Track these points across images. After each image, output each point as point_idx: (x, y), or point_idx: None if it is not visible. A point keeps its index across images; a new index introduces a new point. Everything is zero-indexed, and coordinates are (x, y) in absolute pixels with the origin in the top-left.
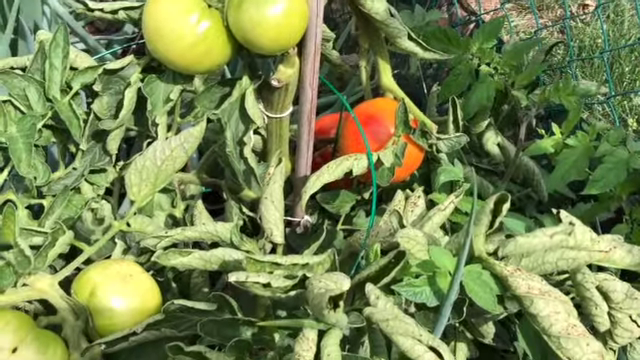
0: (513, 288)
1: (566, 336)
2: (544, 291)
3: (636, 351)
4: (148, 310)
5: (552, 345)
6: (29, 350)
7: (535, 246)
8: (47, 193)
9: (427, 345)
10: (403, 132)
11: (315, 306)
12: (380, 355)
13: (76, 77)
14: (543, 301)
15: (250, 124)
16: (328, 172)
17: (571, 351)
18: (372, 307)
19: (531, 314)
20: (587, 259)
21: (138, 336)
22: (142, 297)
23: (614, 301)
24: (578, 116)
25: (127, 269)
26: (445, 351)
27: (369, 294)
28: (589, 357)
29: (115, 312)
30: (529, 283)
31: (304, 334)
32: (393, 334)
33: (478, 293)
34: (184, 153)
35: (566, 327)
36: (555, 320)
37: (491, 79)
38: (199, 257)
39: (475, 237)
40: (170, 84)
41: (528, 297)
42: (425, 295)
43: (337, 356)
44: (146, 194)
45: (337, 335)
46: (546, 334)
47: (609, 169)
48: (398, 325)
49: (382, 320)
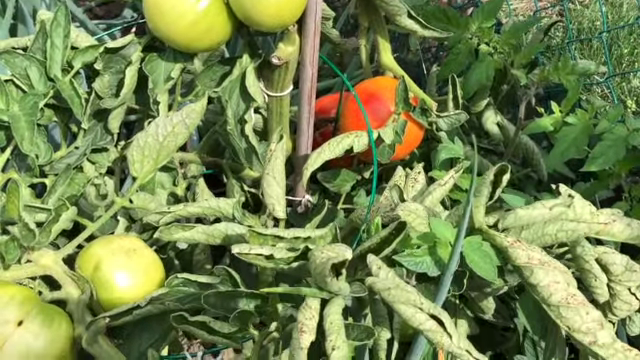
0: (513, 259)
1: (565, 305)
2: (544, 261)
3: (635, 324)
4: (152, 284)
5: (552, 314)
6: (34, 323)
7: (535, 218)
8: (49, 172)
9: (428, 313)
10: (403, 109)
11: (318, 275)
12: (382, 325)
13: (77, 56)
14: (543, 271)
15: (251, 102)
16: (329, 149)
17: (571, 320)
18: (374, 277)
19: (531, 284)
20: (586, 230)
21: (142, 309)
22: (146, 271)
23: (613, 274)
24: (577, 94)
25: (130, 244)
26: (446, 319)
27: (371, 264)
28: (588, 325)
29: (119, 286)
30: (529, 253)
31: (307, 303)
32: (395, 303)
33: (478, 263)
34: (186, 129)
35: (565, 296)
36: (555, 290)
37: (490, 58)
38: (202, 231)
39: (475, 208)
40: (171, 62)
41: (528, 267)
42: (426, 265)
43: (340, 324)
44: (148, 170)
45: (340, 304)
46: (546, 304)
47: (608, 146)
48: (399, 294)
49: (384, 289)
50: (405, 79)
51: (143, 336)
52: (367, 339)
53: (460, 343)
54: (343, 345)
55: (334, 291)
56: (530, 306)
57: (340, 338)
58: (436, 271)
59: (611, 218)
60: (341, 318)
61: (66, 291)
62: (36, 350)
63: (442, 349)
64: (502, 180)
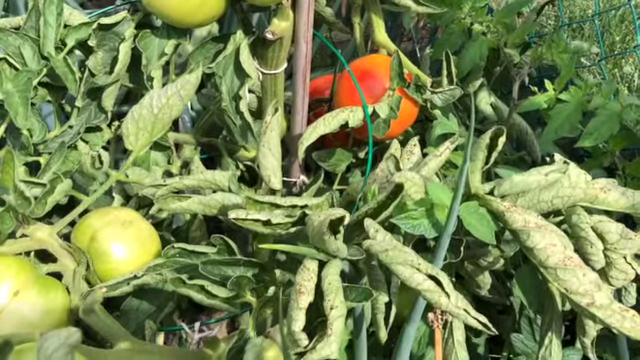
0: (510, 223)
1: (562, 267)
2: (540, 225)
3: (630, 295)
4: (148, 255)
5: (549, 277)
6: (30, 293)
7: (530, 184)
8: (44, 151)
9: (426, 274)
10: (398, 85)
11: (315, 235)
12: (379, 290)
13: (70, 33)
14: (539, 234)
15: (245, 78)
16: (324, 124)
17: (568, 282)
18: (371, 240)
19: (528, 248)
20: (582, 196)
21: (139, 280)
22: (142, 242)
23: (609, 242)
24: (570, 72)
25: (127, 216)
26: (444, 278)
27: (368, 228)
28: (586, 287)
29: (115, 256)
30: (525, 217)
31: (305, 265)
32: (392, 264)
33: (475, 226)
34: (180, 101)
35: (562, 259)
36: (551, 252)
37: (484, 38)
38: (198, 202)
39: (471, 174)
40: (164, 39)
41: (524, 231)
42: (424, 227)
43: (337, 285)
44: (143, 144)
45: (337, 265)
46: (543, 266)
47: (602, 122)
48: (397, 254)
49: (381, 251)
50: (399, 54)
51: (140, 309)
52: (365, 300)
53: (458, 302)
54: (341, 305)
55: (332, 251)
56: (527, 281)
57: (338, 298)
58: (433, 233)
59: (607, 186)
60: (339, 279)
61: (62, 263)
62: (32, 320)
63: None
64: (498, 143)
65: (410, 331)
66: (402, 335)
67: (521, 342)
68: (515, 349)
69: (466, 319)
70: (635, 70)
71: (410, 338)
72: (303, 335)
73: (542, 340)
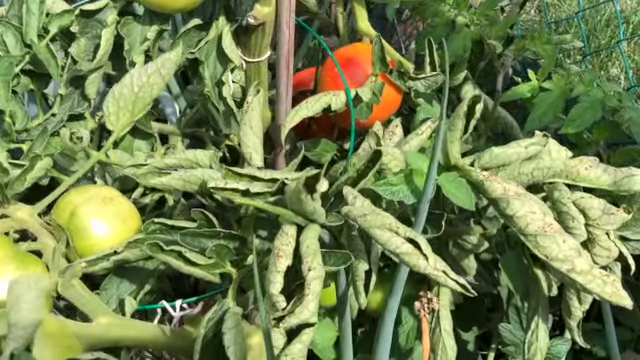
0: (489, 192)
1: (542, 234)
2: (519, 193)
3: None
4: (129, 232)
5: (529, 244)
6: (8, 268)
7: (510, 156)
8: (26, 138)
9: (404, 237)
10: (380, 70)
11: (293, 197)
12: (359, 259)
13: (53, 20)
14: (519, 202)
15: (228, 64)
16: (307, 107)
17: (548, 249)
18: (350, 206)
19: (507, 216)
20: (562, 167)
21: (119, 255)
22: (122, 219)
23: (591, 218)
24: (553, 62)
25: (107, 193)
26: (422, 242)
27: (347, 195)
28: (566, 253)
29: (95, 232)
30: (504, 186)
31: (283, 230)
32: (371, 228)
33: (454, 193)
34: (161, 79)
35: (542, 226)
36: (531, 220)
37: (467, 30)
38: (178, 177)
39: (450, 144)
40: (147, 25)
41: (504, 199)
42: (402, 193)
43: (315, 248)
44: (124, 123)
45: (315, 229)
46: (523, 234)
47: (585, 108)
48: (375, 218)
49: (359, 216)
50: (380, 39)
51: (121, 287)
52: (344, 264)
53: (437, 264)
54: (319, 267)
55: (309, 212)
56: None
57: (316, 260)
58: (412, 199)
59: (588, 163)
60: (317, 243)
61: (42, 242)
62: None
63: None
64: (476, 111)
65: (388, 322)
66: (380, 326)
67: (509, 332)
68: (504, 339)
69: (446, 281)
70: (621, 72)
71: (388, 328)
72: (281, 297)
73: (528, 325)
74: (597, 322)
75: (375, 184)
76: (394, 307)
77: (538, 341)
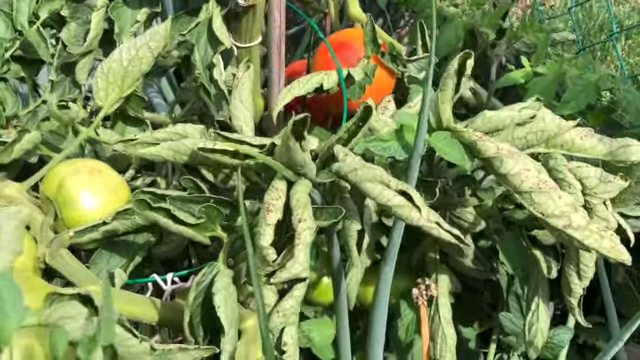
0: (482, 152)
1: (537, 190)
2: (513, 151)
3: None
4: (118, 203)
5: (524, 202)
6: None
7: (503, 120)
8: (17, 124)
9: (396, 190)
10: (372, 52)
11: (281, 147)
12: (352, 219)
13: (43, 5)
14: (512, 160)
15: (219, 46)
16: (299, 86)
17: (543, 205)
18: (340, 162)
19: (502, 175)
20: (556, 130)
21: (107, 226)
22: (111, 190)
23: (588, 187)
24: (546, 48)
25: (96, 165)
26: (415, 194)
27: (337, 153)
28: (562, 209)
29: (83, 203)
30: (498, 145)
31: (273, 185)
32: (362, 182)
33: (446, 150)
34: (150, 53)
35: (537, 182)
36: (525, 177)
37: (459, 19)
38: (168, 147)
39: (442, 104)
40: (136, 8)
41: (497, 157)
42: (394, 149)
43: (306, 201)
44: (113, 99)
45: (306, 184)
46: (517, 192)
47: (579, 91)
48: (366, 172)
49: (350, 171)
50: (372, 21)
51: (111, 261)
52: (334, 218)
53: (430, 216)
54: (310, 219)
55: (298, 163)
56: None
57: (307, 212)
58: (403, 154)
59: (582, 133)
60: (308, 198)
61: (30, 216)
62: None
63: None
64: (466, 67)
65: (379, 314)
66: (371, 319)
67: (510, 321)
68: (504, 329)
69: (439, 233)
70: (616, 72)
71: (380, 322)
72: (271, 250)
73: (528, 306)
74: (600, 315)
75: (366, 140)
76: (386, 290)
77: (539, 322)
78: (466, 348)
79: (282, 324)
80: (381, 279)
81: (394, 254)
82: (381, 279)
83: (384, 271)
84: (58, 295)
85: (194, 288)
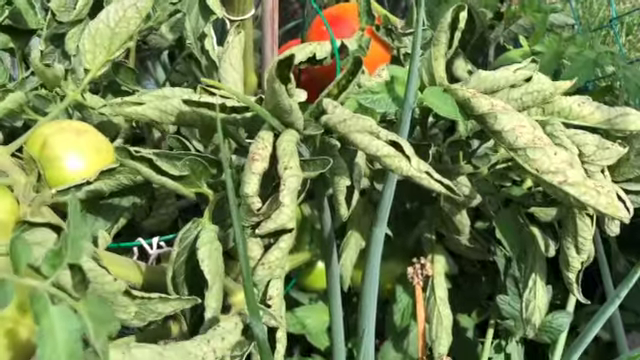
0: (476, 109)
1: (532, 146)
2: (508, 108)
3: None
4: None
5: (519, 159)
6: None
7: (498, 80)
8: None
9: (386, 140)
10: (367, 23)
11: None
12: (341, 175)
13: None
14: (507, 116)
15: (210, 16)
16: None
17: (539, 161)
18: (329, 114)
19: (496, 131)
20: (552, 90)
21: (91, 186)
22: (97, 150)
23: (586, 154)
24: (545, 27)
25: (81, 125)
26: (405, 144)
27: (326, 105)
28: (557, 165)
29: (68, 163)
30: (492, 101)
31: (259, 135)
32: (351, 133)
33: (439, 105)
34: (138, 13)
35: (532, 139)
36: (520, 133)
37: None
38: (154, 107)
39: (434, 61)
40: None
41: (491, 114)
42: (384, 101)
43: (292, 150)
44: (101, 61)
45: (293, 134)
46: (512, 149)
47: (578, 68)
48: (355, 122)
49: (339, 121)
50: None
51: (95, 225)
52: (322, 169)
53: (420, 166)
54: (296, 167)
55: (285, 110)
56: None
57: (292, 160)
58: (393, 107)
59: (580, 100)
60: (294, 147)
61: (13, 178)
62: None
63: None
64: (460, 20)
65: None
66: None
67: (507, 304)
68: (502, 312)
69: (430, 183)
70: None
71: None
72: (256, 198)
73: (526, 283)
74: (600, 304)
75: (356, 92)
76: (377, 254)
77: (536, 299)
78: (464, 337)
79: (267, 277)
80: (372, 241)
81: (385, 214)
82: (372, 241)
83: (375, 233)
84: (28, 224)
85: (177, 244)
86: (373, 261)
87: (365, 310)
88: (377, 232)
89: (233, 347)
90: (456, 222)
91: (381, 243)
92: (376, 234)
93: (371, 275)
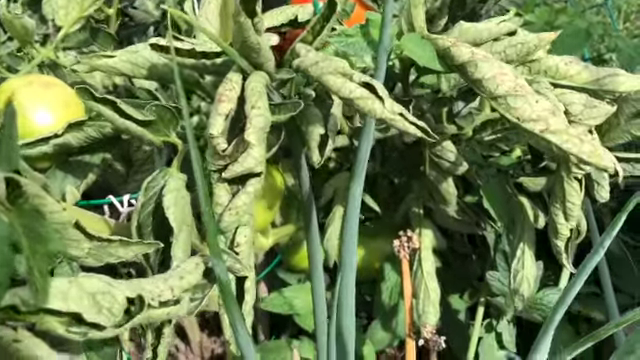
0: (456, 58)
1: (514, 94)
2: (489, 57)
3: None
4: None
5: (500, 108)
6: None
7: (481, 32)
8: None
9: (359, 82)
10: None
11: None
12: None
13: None
14: (488, 64)
15: None
16: (271, 16)
17: (520, 109)
18: (302, 57)
19: (476, 80)
20: (536, 42)
21: (59, 139)
22: (65, 104)
23: (573, 114)
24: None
25: (50, 79)
26: (378, 86)
27: (299, 50)
28: (539, 114)
29: (35, 116)
30: (472, 49)
31: (227, 77)
32: (323, 75)
33: (416, 51)
34: None
35: (513, 86)
36: (501, 81)
37: None
38: (126, 59)
39: (414, 9)
40: None
41: (472, 62)
42: (358, 45)
43: (261, 91)
44: (74, 18)
45: (262, 75)
46: (493, 98)
47: (569, 36)
48: (328, 64)
49: (311, 64)
50: None
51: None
52: (293, 110)
53: (394, 107)
54: (264, 108)
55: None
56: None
57: (260, 101)
58: (368, 50)
59: (567, 59)
60: (263, 88)
61: None
62: None
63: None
64: None
65: (348, 240)
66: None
67: (498, 280)
68: (492, 289)
69: (404, 126)
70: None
71: (350, 250)
72: (222, 139)
73: (514, 253)
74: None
75: (330, 35)
76: (354, 216)
77: (524, 269)
78: (455, 320)
79: (235, 223)
80: (349, 201)
81: (362, 170)
82: (349, 201)
83: (351, 190)
84: None
85: (143, 193)
86: (351, 222)
87: (344, 279)
88: (354, 189)
89: (194, 288)
90: (442, 191)
91: (358, 202)
92: (353, 191)
93: (349, 237)
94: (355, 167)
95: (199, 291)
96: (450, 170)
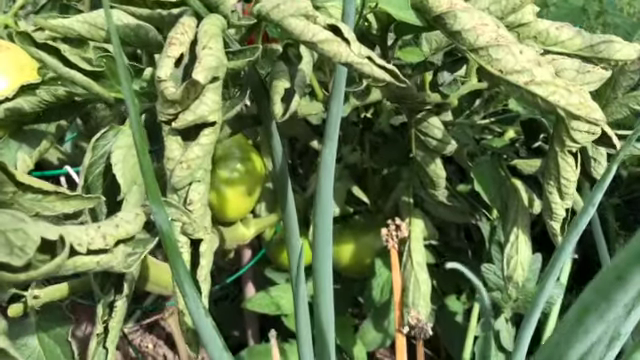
0: (434, 9)
1: (495, 45)
2: (469, 7)
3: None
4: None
5: (482, 61)
6: None
7: None
8: None
9: (324, 25)
10: None
11: None
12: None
13: None
14: (467, 14)
15: None
16: None
17: (502, 61)
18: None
19: (456, 32)
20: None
21: (10, 103)
22: (20, 67)
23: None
24: None
25: (3, 42)
26: (344, 27)
27: None
28: (523, 65)
29: None
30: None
31: (180, 21)
32: (284, 18)
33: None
34: None
35: (495, 37)
36: (482, 31)
37: None
38: (83, 20)
39: None
40: None
41: (451, 13)
42: None
43: (215, 32)
44: None
45: (217, 18)
46: (473, 50)
47: (564, 14)
48: (290, 6)
49: (272, 8)
50: None
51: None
52: (251, 55)
53: (361, 50)
54: (217, 50)
55: None
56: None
57: (213, 42)
58: None
59: (558, 24)
60: (218, 30)
61: None
62: None
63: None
64: None
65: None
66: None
67: (493, 273)
68: (487, 282)
69: (372, 70)
70: None
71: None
72: (170, 83)
73: (507, 238)
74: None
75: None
76: (328, 182)
77: (518, 254)
78: (452, 321)
79: (188, 178)
80: (321, 167)
81: (334, 132)
82: (321, 167)
83: (324, 155)
84: None
85: (90, 151)
86: (325, 191)
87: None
88: (326, 153)
89: (134, 243)
90: (431, 173)
91: (332, 168)
92: (325, 156)
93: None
94: (327, 129)
95: (140, 246)
96: (437, 149)
